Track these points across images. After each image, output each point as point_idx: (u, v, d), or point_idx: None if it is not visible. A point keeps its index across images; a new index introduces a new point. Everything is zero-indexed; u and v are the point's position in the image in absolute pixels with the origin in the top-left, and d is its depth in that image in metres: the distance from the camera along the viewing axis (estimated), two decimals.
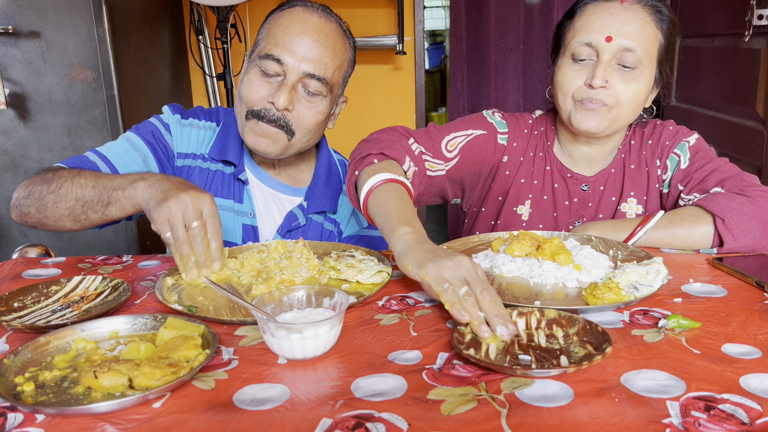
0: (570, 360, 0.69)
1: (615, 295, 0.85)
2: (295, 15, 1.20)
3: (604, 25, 1.16)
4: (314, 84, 1.19)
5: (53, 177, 1.09)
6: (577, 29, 1.20)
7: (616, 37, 1.15)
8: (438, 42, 7.37)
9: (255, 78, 1.19)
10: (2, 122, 2.07)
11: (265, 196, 1.32)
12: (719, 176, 1.18)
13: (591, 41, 1.17)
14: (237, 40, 2.91)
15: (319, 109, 1.22)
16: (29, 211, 1.10)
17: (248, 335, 0.80)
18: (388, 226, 0.95)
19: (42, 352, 0.73)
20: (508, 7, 3.34)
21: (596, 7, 1.19)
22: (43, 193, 1.07)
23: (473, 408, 0.61)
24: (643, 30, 1.16)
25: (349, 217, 1.38)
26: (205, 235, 0.95)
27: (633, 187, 1.29)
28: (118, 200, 1.02)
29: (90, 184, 1.05)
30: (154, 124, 1.29)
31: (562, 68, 1.23)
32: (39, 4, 1.99)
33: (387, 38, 3.00)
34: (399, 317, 0.85)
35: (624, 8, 1.17)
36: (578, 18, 1.21)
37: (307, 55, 1.17)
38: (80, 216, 1.06)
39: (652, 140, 1.30)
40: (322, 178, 1.35)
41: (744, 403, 0.61)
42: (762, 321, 0.80)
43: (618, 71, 1.17)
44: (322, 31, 1.20)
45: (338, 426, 0.59)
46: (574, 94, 1.20)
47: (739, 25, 2.11)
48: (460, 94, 3.50)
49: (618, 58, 1.16)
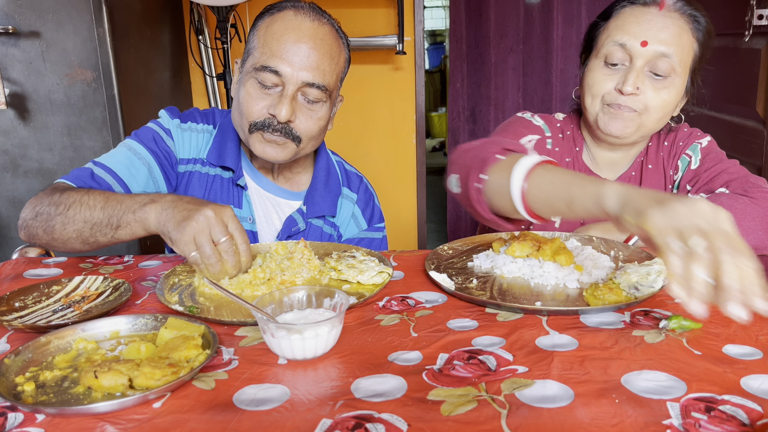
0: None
1: (616, 296, 0.85)
2: (288, 21, 1.15)
3: (640, 29, 1.14)
4: (314, 92, 1.15)
5: (60, 198, 1.05)
6: (612, 30, 1.18)
7: (651, 42, 1.13)
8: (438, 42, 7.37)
9: (253, 91, 1.15)
10: (2, 122, 2.07)
11: (264, 201, 1.31)
12: (726, 177, 1.18)
13: (625, 43, 1.14)
14: (237, 40, 2.91)
15: (320, 116, 1.19)
16: (37, 233, 1.07)
17: (248, 335, 0.80)
18: (582, 190, 0.80)
19: (43, 352, 0.73)
20: (507, 7, 3.34)
21: (633, 11, 1.16)
22: (51, 215, 1.04)
23: (473, 409, 0.61)
24: (680, 38, 1.14)
25: (349, 220, 1.36)
26: (235, 248, 0.94)
27: (649, 188, 1.28)
28: (129, 224, 1.00)
29: (99, 206, 1.02)
30: (154, 129, 1.25)
31: (593, 70, 1.21)
32: (39, 4, 1.99)
33: (387, 38, 3.00)
34: (399, 318, 0.85)
35: (662, 14, 1.14)
36: (613, 20, 1.19)
37: (304, 64, 1.13)
38: (89, 239, 1.04)
39: (668, 142, 1.30)
40: (321, 181, 1.34)
41: (745, 405, 0.61)
42: (763, 322, 0.80)
43: (650, 78, 1.16)
44: (317, 36, 1.15)
45: (338, 426, 0.59)
46: (604, 98, 1.19)
47: (739, 25, 2.10)
48: (459, 93, 3.50)
49: (651, 65, 1.14)
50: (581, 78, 1.27)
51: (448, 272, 1.00)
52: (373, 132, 3.22)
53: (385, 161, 3.27)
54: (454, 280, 0.97)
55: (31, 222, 1.07)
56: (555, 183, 0.85)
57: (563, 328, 0.80)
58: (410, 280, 1.00)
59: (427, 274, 0.99)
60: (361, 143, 3.22)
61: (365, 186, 1.41)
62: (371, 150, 3.26)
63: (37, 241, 1.10)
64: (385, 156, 3.28)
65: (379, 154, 3.27)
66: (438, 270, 1.00)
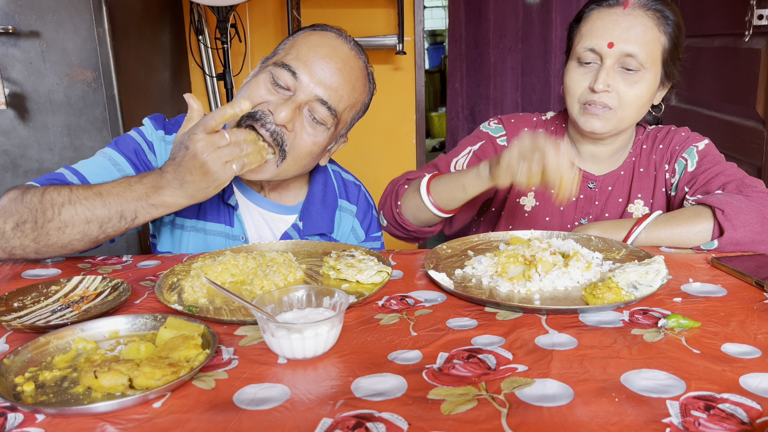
0: None
1: (615, 295, 0.85)
2: (327, 38, 1.14)
3: (606, 31, 1.20)
4: (322, 111, 1.10)
5: (41, 203, 0.99)
6: (583, 34, 1.24)
7: (617, 42, 1.18)
8: (438, 42, 7.37)
9: (263, 82, 1.10)
10: (2, 122, 2.07)
11: (257, 218, 1.25)
12: (723, 179, 1.20)
13: (594, 47, 1.21)
14: (237, 40, 2.91)
15: (317, 140, 1.13)
16: (22, 243, 0.99)
17: (248, 335, 0.80)
18: (466, 176, 1.15)
19: (42, 352, 0.73)
20: (506, 7, 3.34)
21: (600, 13, 1.22)
22: (40, 222, 0.98)
23: (473, 408, 0.61)
24: (645, 35, 1.19)
25: (348, 234, 1.32)
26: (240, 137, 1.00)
27: (640, 189, 1.32)
28: (149, 212, 1.01)
29: (98, 203, 0.99)
30: (136, 141, 1.20)
31: (569, 71, 1.28)
32: (39, 4, 1.99)
33: (387, 38, 3.00)
34: (399, 317, 0.85)
35: (626, 14, 1.20)
36: (584, 23, 1.25)
37: (325, 80, 1.09)
38: (99, 236, 1.01)
39: (663, 145, 1.33)
40: (318, 196, 1.27)
41: (744, 403, 0.61)
42: (761, 320, 0.80)
43: (621, 74, 1.21)
44: (349, 64, 1.13)
45: (338, 426, 0.59)
46: (579, 97, 1.25)
47: (739, 25, 2.11)
48: (458, 93, 3.50)
49: (621, 62, 1.20)
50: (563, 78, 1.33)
51: (447, 271, 1.00)
52: (373, 132, 3.23)
53: (385, 161, 3.27)
54: (453, 279, 0.97)
55: (10, 234, 0.99)
56: (447, 184, 1.21)
57: (562, 327, 0.80)
58: (409, 279, 1.00)
59: (426, 273, 0.99)
60: (361, 143, 3.23)
61: (364, 195, 1.37)
62: (371, 150, 3.26)
63: (16, 254, 1.01)
64: (385, 156, 3.28)
65: (379, 154, 3.27)
66: (437, 269, 1.00)
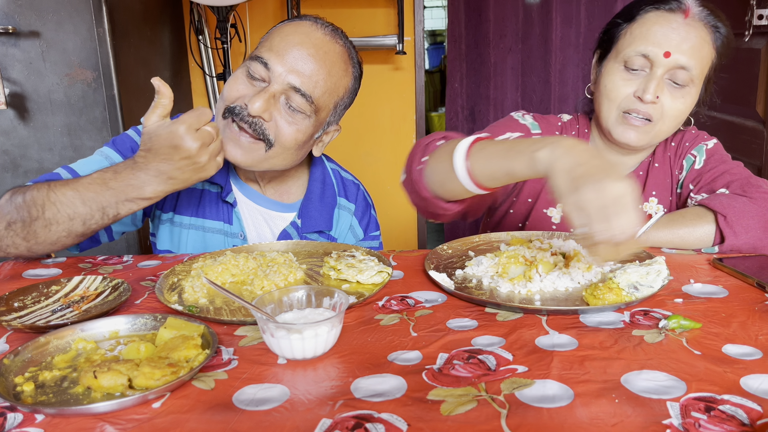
0: None
1: (615, 296, 0.85)
2: (300, 27, 1.14)
3: (664, 38, 1.13)
4: (298, 99, 1.10)
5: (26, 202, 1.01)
6: (635, 36, 1.16)
7: (674, 53, 1.12)
8: (438, 42, 7.37)
9: (239, 77, 1.13)
10: (2, 122, 2.06)
11: (255, 216, 1.26)
12: (728, 178, 1.19)
13: (648, 53, 1.14)
14: (237, 40, 2.91)
15: (300, 128, 1.13)
16: (14, 242, 1.04)
17: (248, 335, 0.80)
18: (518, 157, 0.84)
19: (42, 352, 0.73)
20: (506, 7, 3.34)
21: (658, 18, 1.15)
22: (26, 221, 1.01)
23: (473, 408, 0.61)
24: (701, 49, 1.14)
25: (347, 233, 1.32)
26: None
27: (655, 187, 1.30)
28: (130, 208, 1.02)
29: (77, 200, 1.00)
30: (134, 140, 1.21)
31: (611, 73, 1.19)
32: (39, 4, 1.99)
33: (387, 38, 3.00)
34: (399, 317, 0.85)
35: (686, 23, 1.13)
36: (637, 25, 1.17)
37: (297, 67, 1.10)
38: (85, 231, 1.03)
39: (675, 142, 1.31)
40: (317, 193, 1.28)
41: (744, 404, 0.61)
42: (763, 322, 0.80)
43: (668, 86, 1.16)
44: (322, 49, 1.12)
45: (338, 426, 0.59)
46: (621, 103, 1.18)
47: (739, 25, 2.10)
48: (458, 93, 3.50)
49: (671, 74, 1.14)
50: (596, 77, 1.25)
51: (448, 272, 1.00)
52: (374, 132, 3.22)
53: (386, 161, 3.27)
54: (453, 279, 0.97)
55: (3, 234, 1.03)
56: (493, 154, 0.89)
57: (563, 328, 0.80)
58: (410, 279, 1.00)
59: (426, 273, 0.99)
60: (362, 143, 3.22)
61: (362, 194, 1.37)
62: (371, 150, 3.26)
63: (11, 253, 1.06)
64: (385, 156, 3.28)
65: (380, 154, 3.27)
66: (437, 270, 1.00)
